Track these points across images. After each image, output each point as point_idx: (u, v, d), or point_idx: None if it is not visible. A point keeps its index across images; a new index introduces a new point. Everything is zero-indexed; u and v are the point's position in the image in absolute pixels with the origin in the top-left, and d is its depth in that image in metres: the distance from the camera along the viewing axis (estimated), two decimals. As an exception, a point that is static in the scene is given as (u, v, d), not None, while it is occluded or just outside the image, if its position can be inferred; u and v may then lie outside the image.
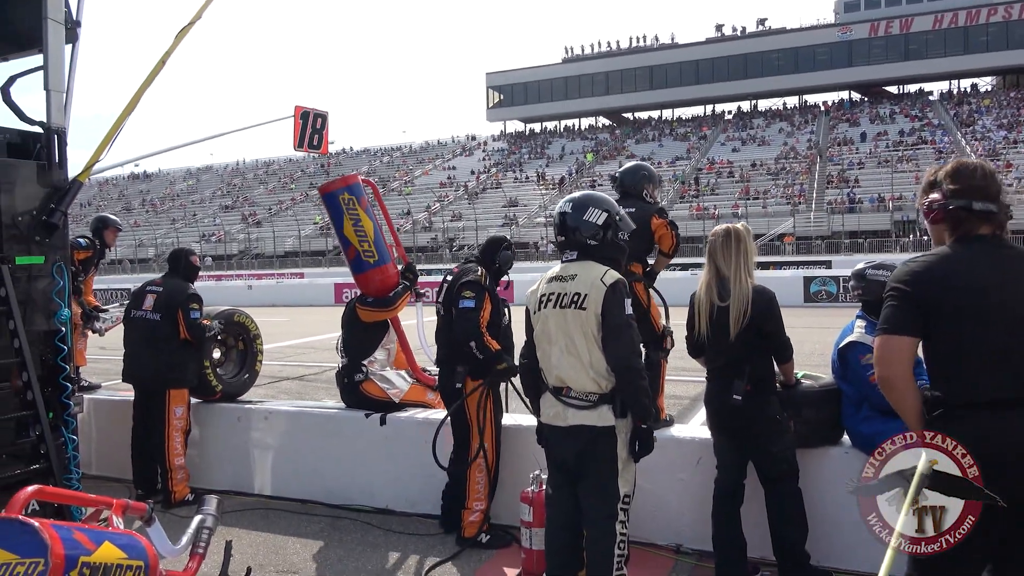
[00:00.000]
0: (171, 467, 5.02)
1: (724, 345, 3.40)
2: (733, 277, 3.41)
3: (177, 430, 5.05)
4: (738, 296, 3.36)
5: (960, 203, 2.20)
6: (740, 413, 3.38)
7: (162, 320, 5.08)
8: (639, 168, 4.98)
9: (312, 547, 4.26)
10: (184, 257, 5.45)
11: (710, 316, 3.44)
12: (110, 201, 65.88)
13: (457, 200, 50.70)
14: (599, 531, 2.91)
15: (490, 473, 4.13)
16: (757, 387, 3.40)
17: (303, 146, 7.26)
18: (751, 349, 3.39)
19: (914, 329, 2.16)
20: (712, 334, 3.45)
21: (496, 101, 65.41)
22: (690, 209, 41.25)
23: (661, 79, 58.68)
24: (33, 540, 2.06)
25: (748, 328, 3.34)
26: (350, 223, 4.93)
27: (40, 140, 4.49)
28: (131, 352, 5.24)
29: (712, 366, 3.55)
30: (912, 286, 2.17)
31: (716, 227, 3.61)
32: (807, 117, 54.51)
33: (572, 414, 2.90)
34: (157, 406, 5.05)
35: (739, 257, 3.44)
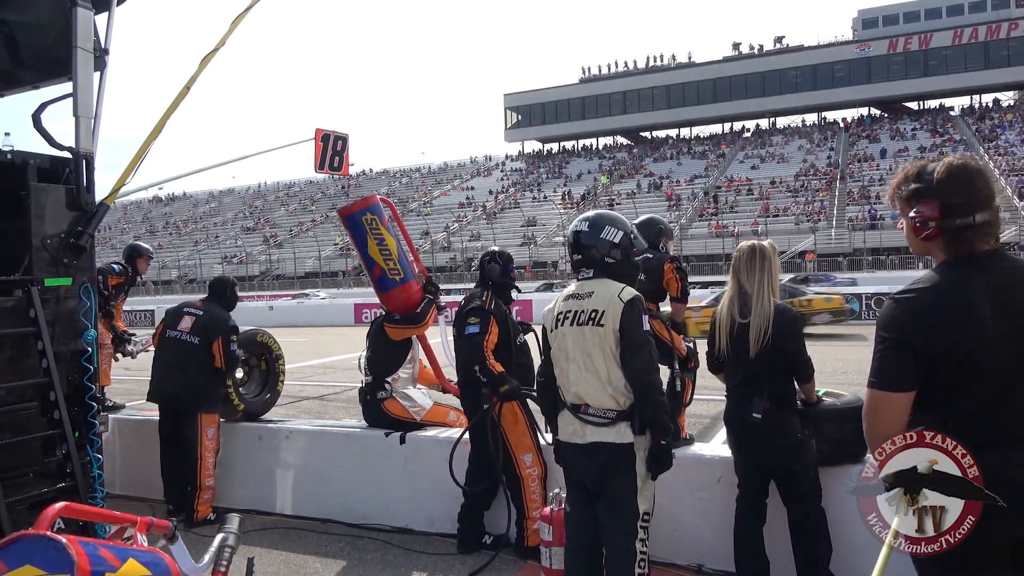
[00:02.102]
0: (200, 487, 5.07)
1: (744, 362, 3.39)
2: (755, 295, 3.40)
3: (209, 451, 5.12)
4: (759, 314, 3.35)
5: (964, 222, 1.93)
6: (760, 430, 3.36)
7: (199, 344, 5.15)
8: (656, 222, 5.59)
9: (332, 566, 4.27)
10: (229, 287, 5.56)
11: (731, 333, 3.43)
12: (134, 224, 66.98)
13: (476, 220, 50.96)
14: (619, 550, 2.89)
15: (543, 480, 4.20)
16: (777, 405, 3.37)
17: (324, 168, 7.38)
18: (771, 367, 3.37)
19: (908, 383, 1.94)
20: (732, 351, 3.44)
21: (514, 122, 65.88)
22: (709, 227, 41.14)
23: (679, 98, 58.83)
24: (60, 556, 2.09)
25: (768, 346, 3.32)
26: (374, 243, 4.99)
27: (69, 165, 4.60)
28: (162, 371, 5.29)
29: (731, 383, 3.53)
30: (900, 331, 1.94)
31: (742, 243, 3.61)
32: (826, 134, 54.31)
33: (591, 431, 2.90)
34: (189, 427, 5.11)
35: (763, 274, 3.44)
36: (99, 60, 4.69)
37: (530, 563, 4.10)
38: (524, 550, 4.19)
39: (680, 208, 44.95)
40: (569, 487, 3.09)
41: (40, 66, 5.02)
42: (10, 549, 2.12)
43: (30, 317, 4.20)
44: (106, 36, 4.76)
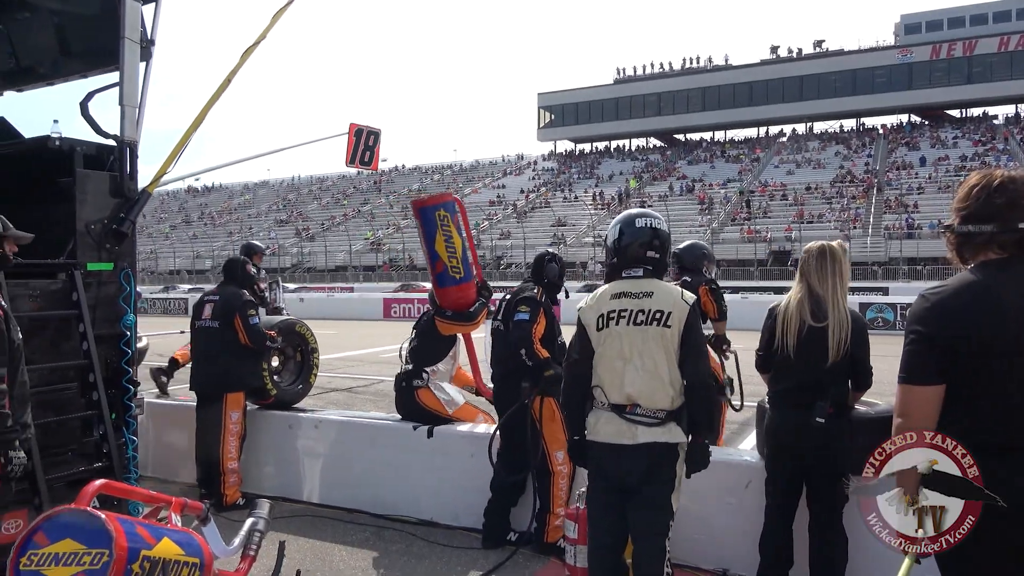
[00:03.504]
0: (224, 471, 5.15)
1: (814, 365, 3.31)
2: (830, 299, 3.33)
3: (232, 435, 5.18)
4: (837, 320, 3.28)
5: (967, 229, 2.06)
6: (820, 436, 3.28)
7: (220, 327, 5.25)
8: (699, 247, 5.81)
9: (358, 555, 4.32)
10: (240, 266, 5.61)
11: (799, 334, 3.35)
12: (170, 213, 68.21)
13: (506, 219, 51.01)
14: (651, 548, 2.88)
15: (571, 479, 4.22)
16: (838, 410, 3.32)
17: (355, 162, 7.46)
18: (838, 372, 3.31)
19: (937, 376, 1.99)
20: (800, 353, 3.34)
21: (547, 121, 65.77)
22: (741, 232, 40.69)
23: (714, 100, 58.24)
24: (99, 531, 2.15)
25: (845, 352, 3.27)
26: (442, 239, 5.02)
27: (113, 153, 4.70)
28: (196, 361, 5.49)
29: (787, 385, 3.43)
30: (929, 326, 2.00)
31: (811, 244, 3.53)
32: (864, 140, 53.41)
33: (642, 431, 2.87)
34: (214, 410, 5.19)
35: (835, 277, 3.37)
36: (145, 51, 4.79)
37: (553, 560, 4.11)
38: (543, 545, 4.21)
39: (712, 212, 44.54)
40: (600, 488, 3.05)
41: (88, 56, 5.14)
42: (52, 523, 2.18)
43: (72, 300, 4.31)
44: (152, 27, 4.86)
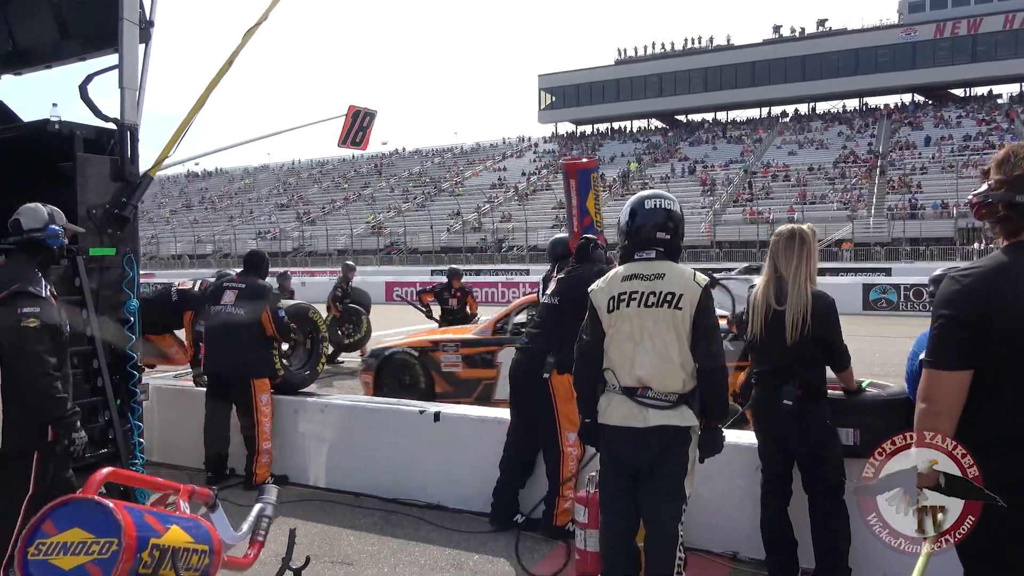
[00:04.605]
0: (259, 450, 5.24)
1: (777, 348, 3.34)
2: (792, 280, 3.33)
3: (265, 416, 5.28)
4: (796, 301, 3.29)
5: (1002, 197, 1.96)
6: (789, 417, 3.32)
7: (245, 314, 5.30)
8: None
9: (365, 539, 4.31)
10: (266, 259, 5.76)
11: (765, 318, 3.37)
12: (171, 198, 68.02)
13: (507, 201, 50.81)
14: (664, 533, 2.87)
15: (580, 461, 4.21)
16: (808, 392, 3.33)
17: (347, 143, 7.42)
18: (805, 354, 3.32)
19: (966, 361, 1.93)
20: (766, 336, 3.38)
21: (548, 103, 65.34)
22: (743, 213, 40.53)
23: (716, 81, 57.78)
24: (108, 520, 2.12)
25: (806, 334, 3.26)
26: (593, 197, 6.04)
27: (113, 136, 4.65)
28: (212, 345, 5.50)
29: (762, 368, 3.48)
30: (958, 309, 1.95)
31: (781, 227, 3.52)
32: (868, 120, 53.00)
33: (653, 414, 2.86)
34: (243, 395, 5.26)
35: (800, 260, 3.36)
36: (144, 32, 4.72)
37: (561, 544, 4.10)
38: (552, 529, 4.20)
39: (714, 193, 44.32)
40: (612, 472, 3.03)
41: (87, 38, 5.06)
42: (60, 512, 2.16)
43: (75, 286, 4.27)
44: (151, 8, 4.79)
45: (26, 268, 3.34)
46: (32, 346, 3.12)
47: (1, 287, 3.20)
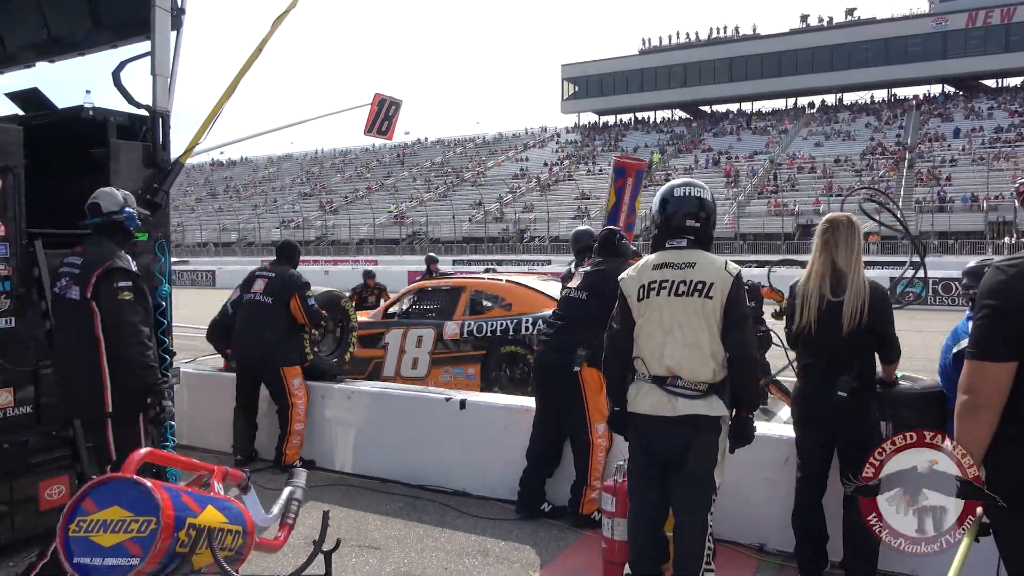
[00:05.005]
0: (291, 431, 5.32)
1: (833, 340, 3.27)
2: (850, 271, 3.27)
3: (299, 398, 5.36)
4: (855, 291, 3.23)
5: None
6: (843, 409, 3.26)
7: (273, 303, 5.37)
8: None
9: (392, 524, 4.35)
10: (297, 249, 5.85)
11: (819, 309, 3.30)
12: (196, 187, 68.72)
13: (529, 192, 50.71)
14: (693, 522, 2.86)
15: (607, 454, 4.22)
16: (862, 384, 3.28)
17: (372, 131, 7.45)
18: (860, 346, 3.27)
19: (1008, 352, 1.90)
20: (819, 328, 3.30)
21: (571, 93, 65.01)
22: (768, 205, 40.13)
23: (741, 71, 57.09)
24: (146, 499, 2.15)
25: (862, 325, 3.21)
26: (639, 197, 6.66)
27: (146, 123, 4.69)
28: (242, 331, 5.57)
29: (813, 360, 3.41)
30: (1003, 299, 1.91)
31: (830, 216, 3.45)
32: (896, 112, 52.14)
33: (682, 403, 2.84)
34: (275, 381, 5.35)
35: (855, 249, 3.31)
36: (176, 19, 4.74)
37: (588, 533, 4.10)
38: (578, 517, 4.21)
39: (739, 185, 43.91)
40: (642, 460, 3.02)
41: (119, 25, 5.10)
42: (100, 490, 2.19)
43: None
44: (183, -4, 4.81)
45: (111, 247, 3.60)
46: (128, 317, 3.43)
47: (91, 265, 3.47)
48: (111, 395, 3.46)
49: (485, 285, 7.98)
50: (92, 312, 3.44)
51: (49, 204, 4.27)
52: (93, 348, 3.43)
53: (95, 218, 3.66)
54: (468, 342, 7.38)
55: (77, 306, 3.47)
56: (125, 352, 3.42)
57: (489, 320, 7.37)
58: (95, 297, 3.43)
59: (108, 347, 3.43)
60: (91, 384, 3.43)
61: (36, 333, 4.02)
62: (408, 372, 7.60)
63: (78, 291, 3.46)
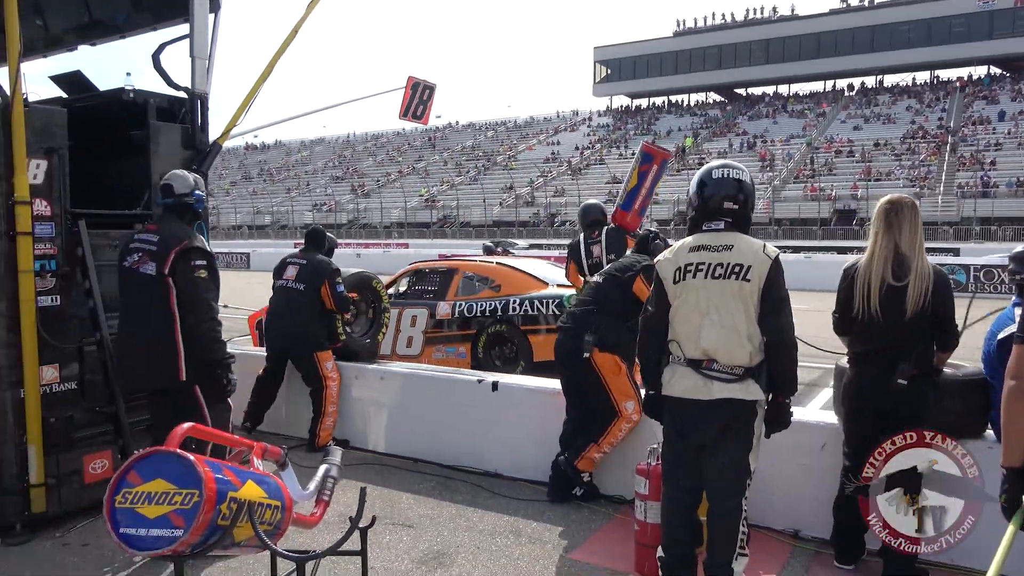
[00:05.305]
0: (324, 413, 5.43)
1: (894, 326, 3.18)
2: (913, 254, 3.18)
3: (332, 380, 5.46)
4: (920, 276, 3.14)
5: None
6: (902, 398, 3.17)
7: (305, 289, 5.46)
8: None
9: (425, 503, 4.39)
10: (325, 235, 5.90)
11: (879, 293, 3.20)
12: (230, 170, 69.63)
13: (560, 176, 50.49)
14: (728, 507, 2.84)
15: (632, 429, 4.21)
16: (921, 372, 3.19)
17: (407, 115, 7.46)
18: (921, 332, 3.18)
19: None
20: (880, 313, 3.20)
21: (603, 76, 64.37)
22: (804, 190, 39.45)
23: (778, 53, 55.94)
24: (190, 473, 2.21)
25: (925, 310, 3.13)
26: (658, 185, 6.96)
27: (184, 105, 4.75)
28: (274, 317, 5.69)
29: (868, 347, 3.30)
30: None
31: (891, 197, 3.35)
32: (939, 94, 50.73)
33: (718, 387, 2.82)
34: (309, 366, 5.46)
35: (918, 232, 3.22)
36: (214, 2, 4.79)
37: (619, 516, 4.10)
38: (571, 467, 4.24)
39: (774, 169, 43.21)
40: (677, 444, 3.00)
41: (159, 8, 5.16)
42: (145, 463, 2.25)
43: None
44: (221, -23, 4.85)
45: (184, 227, 3.76)
46: (203, 294, 3.61)
47: (168, 243, 3.60)
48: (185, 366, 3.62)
49: (476, 267, 8.37)
50: (168, 287, 3.58)
51: (91, 185, 4.37)
52: (169, 322, 3.58)
53: (167, 199, 3.81)
54: (459, 322, 7.75)
55: (153, 281, 3.60)
56: (198, 327, 3.58)
57: (479, 301, 7.78)
58: (172, 273, 3.57)
59: (181, 321, 3.59)
60: (167, 356, 3.58)
61: (80, 311, 4.13)
62: (403, 350, 7.98)
63: (154, 267, 3.60)
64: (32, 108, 3.96)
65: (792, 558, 3.64)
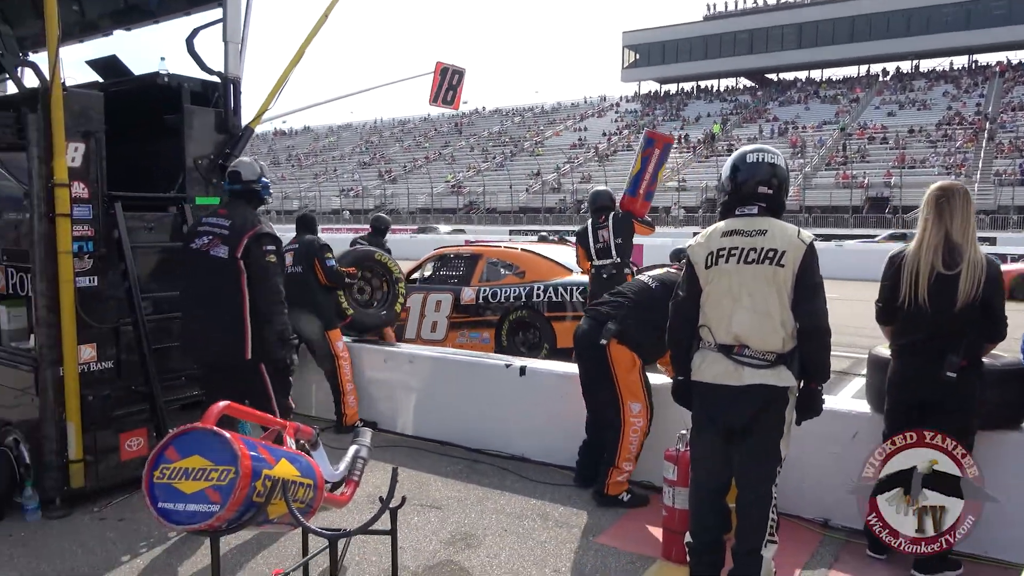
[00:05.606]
0: (343, 391, 5.53)
1: (943, 316, 3.10)
2: (965, 242, 3.10)
3: (345, 359, 5.57)
4: (973, 265, 3.06)
5: None
6: (949, 390, 3.10)
7: (304, 271, 5.57)
8: None
9: (453, 486, 4.43)
10: (312, 219, 6.08)
11: (928, 282, 3.12)
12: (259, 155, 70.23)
13: (587, 162, 50.22)
14: (758, 494, 2.82)
15: (645, 435, 4.09)
16: (971, 363, 3.12)
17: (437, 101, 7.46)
18: (970, 323, 3.10)
19: None
20: (927, 303, 3.13)
21: (632, 60, 63.76)
22: (836, 177, 38.82)
23: (811, 37, 54.91)
24: (226, 450, 2.25)
25: (976, 300, 3.06)
26: (663, 170, 7.10)
27: (218, 89, 4.80)
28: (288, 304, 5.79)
29: (913, 338, 3.23)
30: None
31: (940, 183, 3.27)
32: (977, 79, 49.51)
33: (749, 373, 2.79)
34: (320, 346, 5.55)
35: (970, 220, 3.14)
36: (246, -14, 4.81)
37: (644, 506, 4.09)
38: (603, 498, 4.10)
39: (805, 156, 42.56)
40: (707, 430, 2.98)
41: (192, -7, 5.20)
42: (182, 439, 2.29)
43: (183, 233, 4.47)
44: (253, -37, 4.87)
45: (253, 212, 3.92)
46: (272, 278, 3.78)
47: (241, 228, 3.76)
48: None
49: (501, 253, 8.45)
50: (240, 270, 3.72)
51: (126, 168, 4.44)
52: (239, 302, 3.73)
53: (235, 185, 3.94)
54: (483, 307, 7.84)
55: (225, 263, 3.73)
56: (267, 308, 3.74)
57: (503, 287, 7.87)
58: (244, 257, 3.72)
59: (250, 302, 3.75)
60: (236, 334, 3.73)
61: (116, 292, 4.22)
62: (427, 335, 8.08)
63: (226, 250, 3.73)
64: (70, 92, 4.02)
65: (821, 547, 3.61)
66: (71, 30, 5.72)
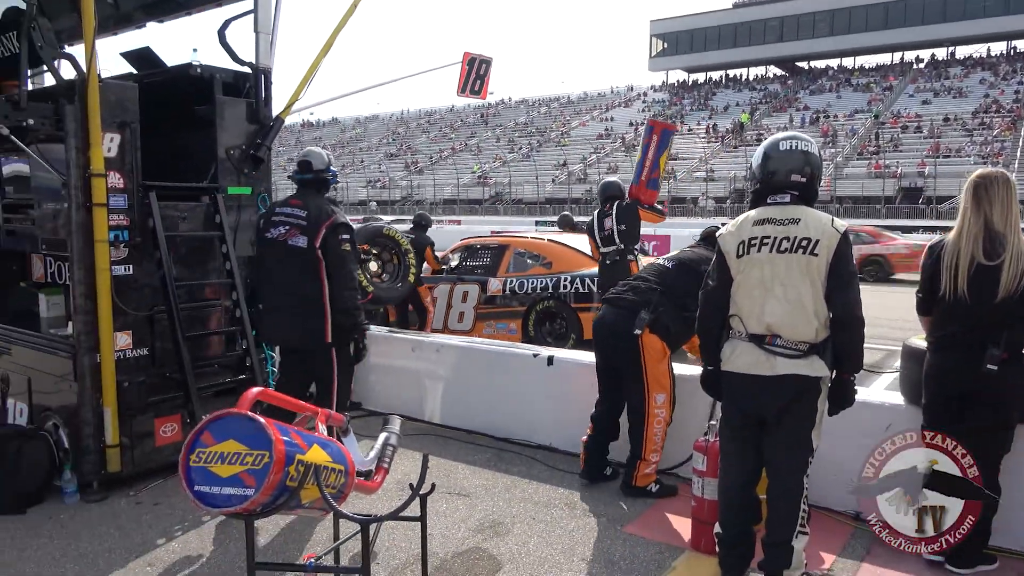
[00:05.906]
0: None
1: (983, 307, 3.03)
2: (1008, 232, 3.03)
3: None
4: (1016, 255, 2.98)
5: None
6: (990, 383, 3.02)
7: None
8: None
9: (481, 474, 4.45)
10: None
11: (968, 273, 3.05)
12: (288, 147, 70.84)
13: (614, 152, 49.90)
14: (790, 485, 2.81)
15: (668, 425, 4.07)
16: (1013, 356, 3.04)
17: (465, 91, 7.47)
18: (1011, 314, 3.02)
19: None
20: (967, 294, 3.06)
21: (659, 50, 63.12)
22: (868, 167, 38.14)
23: (843, 24, 53.85)
24: (260, 435, 2.28)
25: (1017, 291, 2.98)
26: (666, 156, 7.24)
27: (249, 80, 4.84)
28: None
29: (952, 329, 3.16)
30: None
31: (981, 171, 3.20)
32: (1016, 66, 48.20)
33: (782, 363, 2.77)
34: None
35: (1013, 209, 3.06)
36: (277, -23, 4.85)
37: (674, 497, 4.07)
38: (630, 488, 4.08)
39: (837, 145, 41.85)
40: (736, 420, 2.96)
41: (224, -17, 5.25)
42: (217, 424, 2.33)
43: (215, 222, 4.54)
44: (284, -46, 4.90)
45: (327, 202, 4.06)
46: (347, 265, 3.92)
47: (319, 218, 3.89)
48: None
49: (528, 244, 8.46)
50: (318, 259, 3.87)
51: (159, 158, 4.50)
52: (318, 289, 3.89)
53: (306, 174, 4.08)
54: (510, 298, 7.91)
55: (304, 252, 3.88)
56: (342, 294, 3.89)
57: (530, 277, 7.93)
58: (322, 246, 3.86)
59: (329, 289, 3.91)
60: (317, 320, 3.89)
61: (151, 281, 4.29)
62: (454, 325, 8.17)
63: (306, 240, 3.87)
64: (106, 83, 4.09)
65: (852, 539, 3.58)
66: (106, 23, 5.80)
